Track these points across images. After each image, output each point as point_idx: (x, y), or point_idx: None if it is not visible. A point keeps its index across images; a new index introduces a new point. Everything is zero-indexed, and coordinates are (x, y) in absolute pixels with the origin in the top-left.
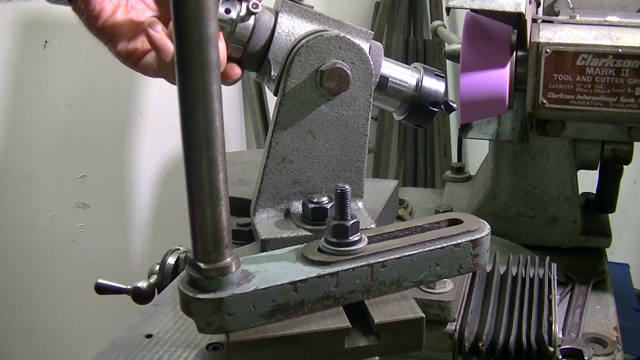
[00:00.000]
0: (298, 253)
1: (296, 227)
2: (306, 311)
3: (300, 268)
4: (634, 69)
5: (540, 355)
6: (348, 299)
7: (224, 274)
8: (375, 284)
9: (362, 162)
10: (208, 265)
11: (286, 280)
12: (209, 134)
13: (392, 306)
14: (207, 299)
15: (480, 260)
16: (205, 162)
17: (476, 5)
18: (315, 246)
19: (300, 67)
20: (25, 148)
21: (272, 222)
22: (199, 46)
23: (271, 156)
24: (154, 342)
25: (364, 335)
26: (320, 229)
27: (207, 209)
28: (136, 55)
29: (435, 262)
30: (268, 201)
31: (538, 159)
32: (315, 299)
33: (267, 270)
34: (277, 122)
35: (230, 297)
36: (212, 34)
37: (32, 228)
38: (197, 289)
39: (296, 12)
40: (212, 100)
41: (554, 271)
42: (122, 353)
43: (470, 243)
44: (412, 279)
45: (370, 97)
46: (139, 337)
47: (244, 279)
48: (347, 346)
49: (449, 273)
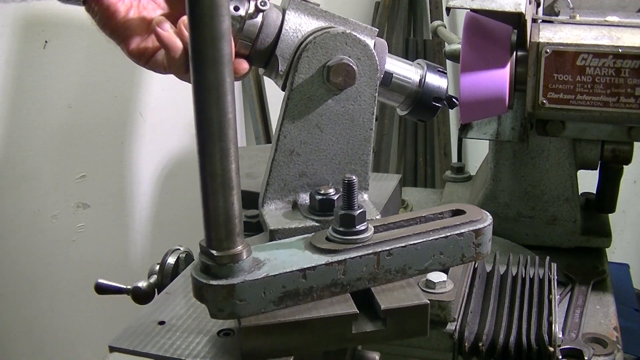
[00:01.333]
0: (307, 242)
1: (304, 217)
2: (315, 298)
3: (309, 256)
4: (634, 69)
5: (540, 355)
6: (355, 286)
7: (235, 261)
8: (382, 271)
9: (367, 155)
10: (220, 253)
11: (295, 268)
12: (222, 125)
13: (397, 293)
14: (220, 285)
15: (482, 250)
16: (218, 153)
17: (476, 5)
18: (323, 235)
19: (308, 62)
20: (25, 148)
21: (280, 213)
22: (213, 41)
23: (279, 149)
24: (167, 328)
25: (371, 321)
26: (327, 219)
27: (220, 198)
28: (147, 53)
29: (439, 250)
30: (276, 193)
31: (538, 159)
32: (324, 285)
33: (277, 258)
34: (285, 116)
35: (242, 283)
36: (225, 29)
37: (32, 228)
38: (210, 275)
39: (303, 10)
40: (226, 93)
41: (554, 271)
42: (135, 339)
43: (473, 232)
44: (416, 267)
45: (375, 92)
46: (151, 324)
47: (254, 266)
48: (355, 331)
49: (453, 262)
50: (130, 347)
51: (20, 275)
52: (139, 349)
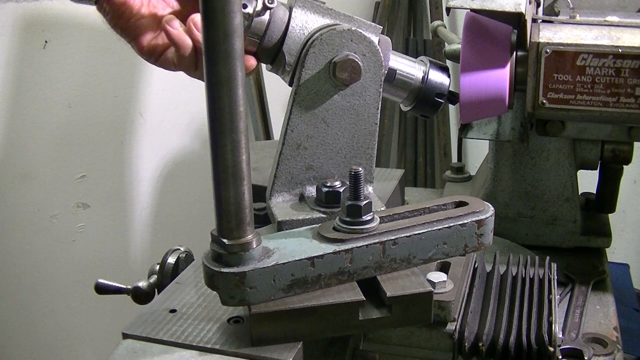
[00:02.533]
0: (314, 232)
1: (310, 209)
2: (322, 285)
3: (317, 245)
4: (634, 69)
5: (540, 355)
6: (362, 274)
7: (245, 249)
8: (387, 260)
9: (372, 149)
10: (231, 241)
11: (304, 256)
12: (234, 117)
13: (402, 281)
14: (231, 273)
15: (485, 240)
16: (230, 144)
17: (476, 5)
18: (330, 225)
19: (315, 59)
20: (25, 148)
21: (288, 205)
22: (225, 36)
23: (286, 143)
24: (178, 316)
25: (377, 308)
26: (334, 211)
27: (231, 188)
28: (157, 51)
29: (442, 240)
30: (283, 186)
31: (538, 159)
32: (331, 274)
33: (285, 247)
34: (292, 110)
35: (252, 271)
36: (237, 25)
37: (32, 228)
38: (221, 263)
39: (309, 8)
40: (237, 87)
41: (554, 271)
42: (148, 326)
43: (476, 223)
44: (421, 256)
45: (380, 87)
46: (163, 312)
47: (264, 255)
48: (362, 318)
49: (456, 251)
50: (143, 333)
51: (20, 275)
52: (151, 336)
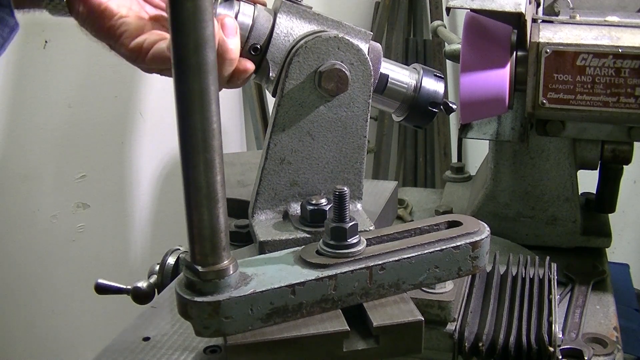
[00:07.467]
0: (296, 255)
1: (294, 229)
2: (304, 314)
3: (299, 271)
4: (634, 69)
5: (540, 355)
6: (347, 301)
7: (221, 276)
8: (374, 286)
9: (361, 164)
10: (205, 268)
11: (284, 283)
12: (206, 136)
13: (391, 309)
14: (205, 302)
15: (479, 263)
16: (203, 165)
17: (476, 5)
18: (313, 248)
19: (299, 68)
20: (25, 148)
21: (271, 224)
22: (196, 48)
23: (269, 158)
24: (152, 344)
25: (363, 339)
26: (319, 230)
27: (205, 211)
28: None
29: (434, 264)
30: (266, 203)
31: (538, 159)
32: (314, 302)
33: (265, 272)
34: (275, 123)
35: (228, 300)
36: (209, 35)
37: (32, 228)
38: (195, 292)
39: (295, 13)
40: (210, 102)
41: (554, 271)
42: (119, 356)
43: (470, 245)
44: (411, 281)
45: (369, 98)
46: (136, 340)
47: (241, 282)
48: (346, 349)
49: (448, 275)
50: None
51: (20, 275)
52: None
